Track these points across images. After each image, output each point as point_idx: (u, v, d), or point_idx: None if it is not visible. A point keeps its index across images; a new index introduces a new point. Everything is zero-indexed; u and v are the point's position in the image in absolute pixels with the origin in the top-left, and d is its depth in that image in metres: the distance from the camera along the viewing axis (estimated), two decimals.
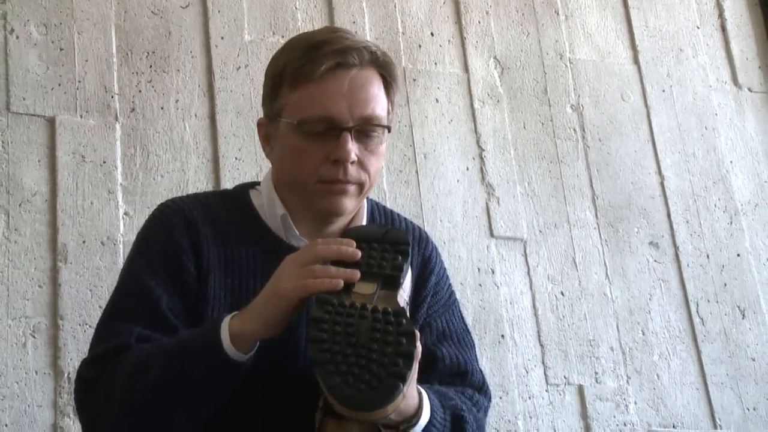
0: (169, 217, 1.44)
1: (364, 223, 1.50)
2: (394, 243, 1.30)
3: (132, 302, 1.38)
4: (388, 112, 1.46)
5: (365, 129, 1.41)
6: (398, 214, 1.61)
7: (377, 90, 1.43)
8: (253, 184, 1.55)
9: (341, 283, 1.22)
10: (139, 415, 1.27)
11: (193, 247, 1.41)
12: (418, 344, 1.22)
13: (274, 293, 1.25)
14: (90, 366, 1.35)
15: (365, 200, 1.52)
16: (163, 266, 1.39)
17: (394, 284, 1.26)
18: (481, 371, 1.54)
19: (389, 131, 1.47)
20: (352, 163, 1.39)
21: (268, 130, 1.49)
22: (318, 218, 1.44)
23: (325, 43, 1.41)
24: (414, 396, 1.28)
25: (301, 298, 1.24)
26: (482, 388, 1.53)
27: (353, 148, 1.38)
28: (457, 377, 1.49)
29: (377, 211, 1.57)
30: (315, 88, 1.39)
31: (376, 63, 1.44)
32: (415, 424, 1.29)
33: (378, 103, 1.42)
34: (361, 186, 1.42)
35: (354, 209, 1.46)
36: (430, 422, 1.32)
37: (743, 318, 2.84)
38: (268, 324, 1.25)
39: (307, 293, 1.23)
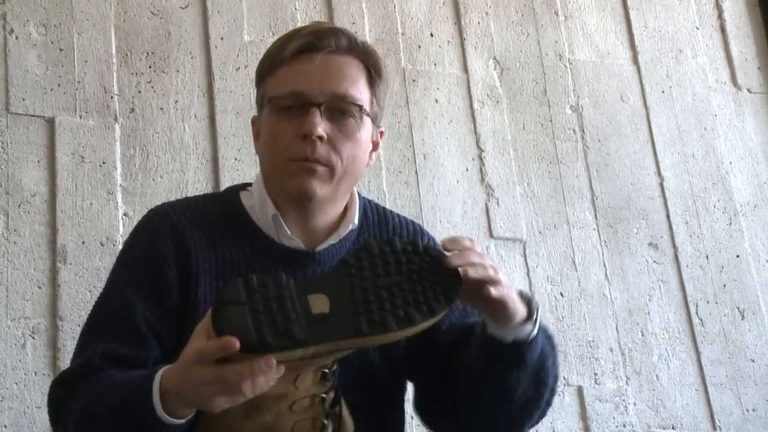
0: (154, 224, 1.44)
1: (356, 221, 1.49)
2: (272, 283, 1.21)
3: (108, 314, 1.39)
4: (372, 103, 1.45)
5: (337, 106, 1.40)
6: (391, 212, 1.59)
7: (354, 74, 1.43)
8: (244, 186, 1.55)
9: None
10: None
11: (179, 254, 1.40)
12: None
13: (192, 387, 1.15)
14: (58, 388, 1.36)
15: (357, 197, 1.52)
16: (143, 276, 1.39)
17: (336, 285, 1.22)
18: None
19: (374, 122, 1.46)
20: (321, 139, 1.38)
21: (258, 126, 1.50)
22: (297, 208, 1.43)
23: (303, 29, 1.44)
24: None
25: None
26: None
27: (321, 123, 1.38)
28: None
29: (369, 209, 1.56)
30: (287, 69, 1.42)
31: (355, 50, 1.44)
32: (537, 307, 1.31)
33: (354, 85, 1.42)
34: (331, 169, 1.40)
35: (328, 196, 1.43)
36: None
37: (742, 319, 2.84)
38: (194, 408, 1.19)
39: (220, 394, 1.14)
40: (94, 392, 1.29)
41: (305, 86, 1.39)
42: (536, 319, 1.30)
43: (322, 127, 1.38)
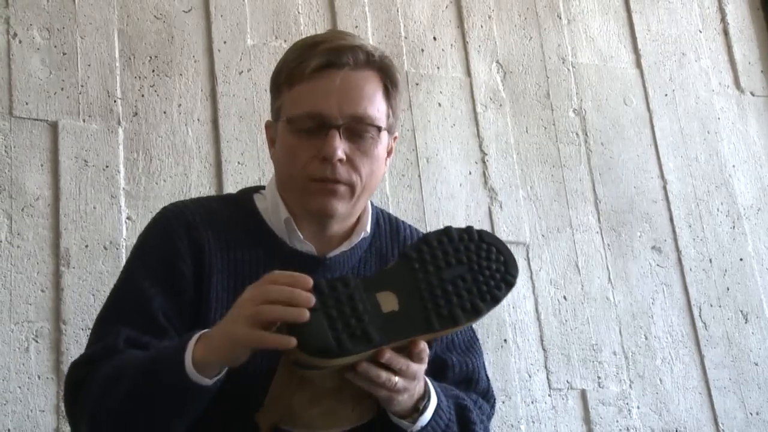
0: (169, 220, 1.44)
1: (368, 229, 1.50)
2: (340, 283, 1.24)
3: (125, 304, 1.39)
4: (388, 116, 1.45)
5: (356, 128, 1.40)
6: (403, 222, 1.60)
7: (372, 91, 1.42)
8: (258, 189, 1.55)
9: (293, 342, 1.15)
10: (106, 427, 1.27)
11: (193, 251, 1.40)
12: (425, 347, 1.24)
13: (231, 335, 1.20)
14: (77, 368, 1.35)
15: (370, 206, 1.52)
16: (159, 270, 1.39)
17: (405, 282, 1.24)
18: (487, 378, 1.55)
19: (390, 133, 1.47)
20: (341, 161, 1.38)
21: (272, 132, 1.50)
22: (315, 220, 1.44)
23: (321, 43, 1.43)
24: (421, 380, 1.29)
25: (249, 348, 1.19)
26: (486, 395, 1.53)
27: (340, 146, 1.37)
28: (463, 384, 1.49)
29: (382, 218, 1.57)
30: (305, 86, 1.40)
31: (373, 65, 1.43)
32: (426, 408, 1.31)
33: (372, 104, 1.41)
34: (352, 187, 1.40)
35: (348, 212, 1.44)
36: (438, 406, 1.33)
37: (746, 322, 2.84)
38: (230, 357, 1.21)
39: (258, 346, 1.18)
40: (121, 359, 1.29)
41: (324, 107, 1.38)
42: (420, 415, 1.31)
43: (341, 150, 1.38)
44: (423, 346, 1.23)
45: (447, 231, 1.27)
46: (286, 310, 1.16)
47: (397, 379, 1.22)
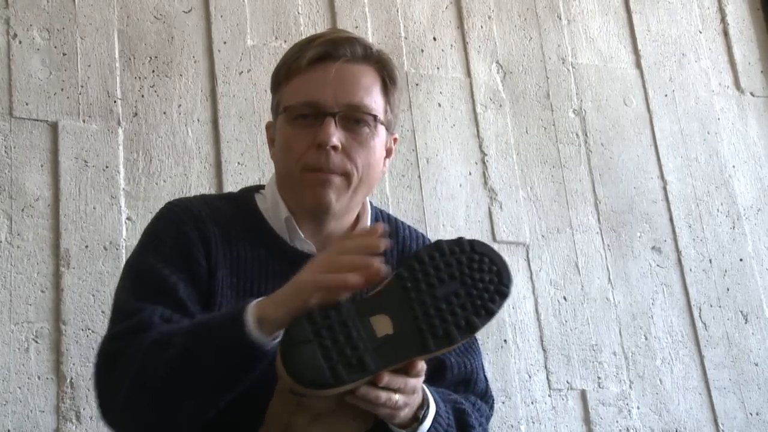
0: (178, 213, 1.44)
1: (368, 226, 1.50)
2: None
3: (149, 288, 1.36)
4: (386, 111, 1.45)
5: (351, 116, 1.41)
6: (402, 222, 1.60)
7: (369, 83, 1.43)
8: (258, 188, 1.56)
9: (352, 278, 1.16)
10: (148, 394, 1.24)
11: (203, 243, 1.40)
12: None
13: (296, 283, 1.20)
14: (112, 341, 1.32)
15: (369, 206, 1.52)
16: (176, 259, 1.38)
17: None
18: (485, 379, 1.55)
19: (388, 130, 1.47)
20: (335, 148, 1.38)
21: (272, 132, 1.51)
22: (311, 215, 1.44)
23: (319, 38, 1.45)
24: (419, 392, 1.29)
25: (317, 292, 1.18)
26: (485, 396, 1.53)
27: (335, 133, 1.38)
28: (462, 385, 1.49)
29: (381, 218, 1.56)
30: (302, 78, 1.42)
31: (371, 58, 1.45)
32: (425, 417, 1.31)
33: (368, 95, 1.42)
34: (347, 177, 1.40)
35: (344, 206, 1.44)
36: (437, 413, 1.33)
37: (746, 323, 2.84)
38: (292, 312, 1.19)
39: (317, 288, 1.18)
40: (169, 327, 1.27)
41: (320, 96, 1.39)
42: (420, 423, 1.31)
43: (336, 137, 1.38)
44: (421, 366, 1.23)
45: (438, 245, 1.24)
46: (362, 259, 1.18)
47: (397, 397, 1.22)
